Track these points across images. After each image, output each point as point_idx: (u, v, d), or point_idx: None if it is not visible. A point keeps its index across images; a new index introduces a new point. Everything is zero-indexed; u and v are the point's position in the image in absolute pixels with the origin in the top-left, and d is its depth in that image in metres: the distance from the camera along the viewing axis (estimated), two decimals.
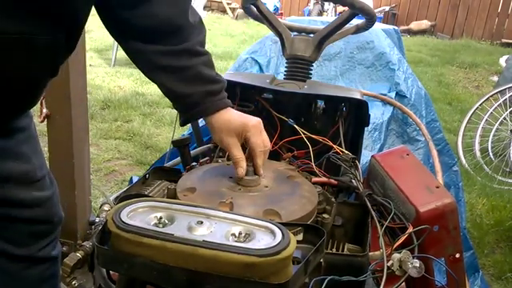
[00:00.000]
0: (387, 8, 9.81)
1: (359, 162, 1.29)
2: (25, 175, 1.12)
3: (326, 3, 7.92)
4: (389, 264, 0.85)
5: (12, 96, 0.97)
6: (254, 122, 1.05)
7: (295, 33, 1.54)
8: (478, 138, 3.89)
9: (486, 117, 3.97)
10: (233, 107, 1.09)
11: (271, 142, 1.31)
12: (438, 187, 1.04)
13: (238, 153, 1.03)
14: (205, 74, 1.06)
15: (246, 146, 1.04)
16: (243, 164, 1.01)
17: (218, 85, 1.08)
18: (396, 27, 3.01)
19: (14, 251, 1.16)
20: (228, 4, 10.39)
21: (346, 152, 1.25)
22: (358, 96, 1.36)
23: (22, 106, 1.05)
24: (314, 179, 1.14)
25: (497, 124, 3.91)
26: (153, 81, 1.07)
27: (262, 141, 1.04)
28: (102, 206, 1.00)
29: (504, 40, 8.83)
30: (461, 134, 3.94)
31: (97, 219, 0.97)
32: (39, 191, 1.16)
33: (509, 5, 9.11)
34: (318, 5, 8.00)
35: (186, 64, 1.04)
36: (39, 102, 1.82)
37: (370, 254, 0.89)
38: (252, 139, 1.03)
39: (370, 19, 1.47)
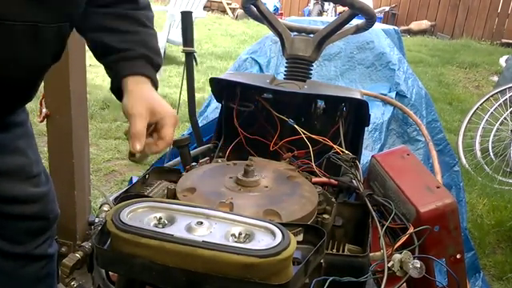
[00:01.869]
0: (387, 8, 9.82)
1: (359, 162, 1.29)
2: (21, 170, 1.12)
3: (326, 3, 7.92)
4: (389, 265, 0.84)
5: (13, 86, 0.97)
6: (175, 114, 0.98)
7: (295, 33, 1.54)
8: (478, 138, 3.89)
9: (486, 117, 3.97)
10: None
11: (271, 142, 1.32)
12: (438, 187, 1.04)
13: (141, 127, 0.92)
14: (149, 42, 1.03)
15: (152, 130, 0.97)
16: (142, 140, 0.92)
17: (159, 58, 1.04)
18: (396, 27, 3.01)
19: (10, 249, 1.16)
20: (228, 4, 10.39)
21: (347, 152, 1.25)
22: (358, 96, 1.35)
23: (22, 97, 1.05)
24: (314, 179, 1.13)
25: (497, 124, 3.91)
26: (89, 40, 1.04)
27: (171, 134, 0.97)
28: (101, 206, 0.99)
29: (504, 40, 8.83)
30: (461, 134, 3.93)
31: (96, 219, 0.96)
32: (35, 187, 1.16)
33: (509, 5, 9.11)
34: (318, 5, 8.00)
35: (131, 29, 1.02)
36: (39, 102, 1.82)
37: (371, 254, 0.89)
38: (168, 129, 0.95)
39: (370, 19, 1.47)
